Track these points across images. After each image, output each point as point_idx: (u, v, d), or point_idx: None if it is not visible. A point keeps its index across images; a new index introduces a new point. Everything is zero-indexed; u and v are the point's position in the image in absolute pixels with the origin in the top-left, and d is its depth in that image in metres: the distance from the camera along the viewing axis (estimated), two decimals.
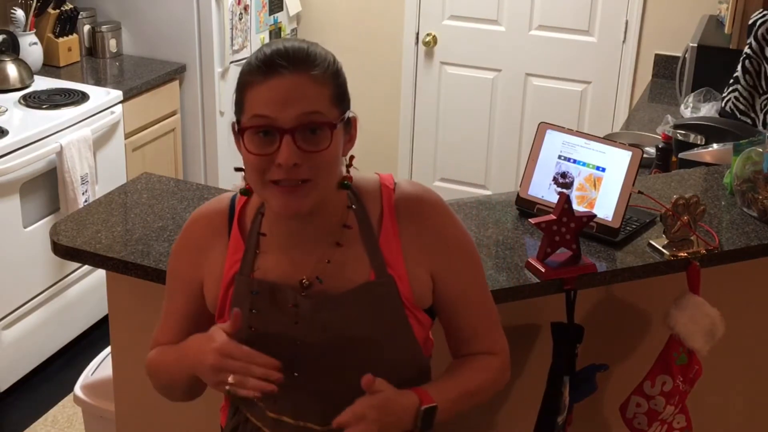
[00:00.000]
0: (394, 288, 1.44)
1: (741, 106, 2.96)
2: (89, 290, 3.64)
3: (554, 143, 2.11)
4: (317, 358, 1.46)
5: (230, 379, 1.36)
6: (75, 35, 4.01)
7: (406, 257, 1.45)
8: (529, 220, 1.91)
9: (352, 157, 1.46)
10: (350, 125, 1.42)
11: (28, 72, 3.70)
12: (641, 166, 2.04)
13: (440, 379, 1.52)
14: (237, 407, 1.61)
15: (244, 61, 4.54)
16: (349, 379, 1.42)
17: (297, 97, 1.32)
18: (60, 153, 3.34)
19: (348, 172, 1.45)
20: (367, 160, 1.45)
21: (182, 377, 1.51)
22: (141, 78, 3.87)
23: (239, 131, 1.37)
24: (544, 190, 2.10)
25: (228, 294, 1.48)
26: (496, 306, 1.58)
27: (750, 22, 2.93)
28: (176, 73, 4.02)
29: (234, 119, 1.41)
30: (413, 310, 1.48)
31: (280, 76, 1.32)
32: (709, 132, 2.80)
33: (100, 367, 2.52)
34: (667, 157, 2.79)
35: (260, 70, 1.34)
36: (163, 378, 1.58)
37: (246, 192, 1.48)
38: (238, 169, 1.44)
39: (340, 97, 1.38)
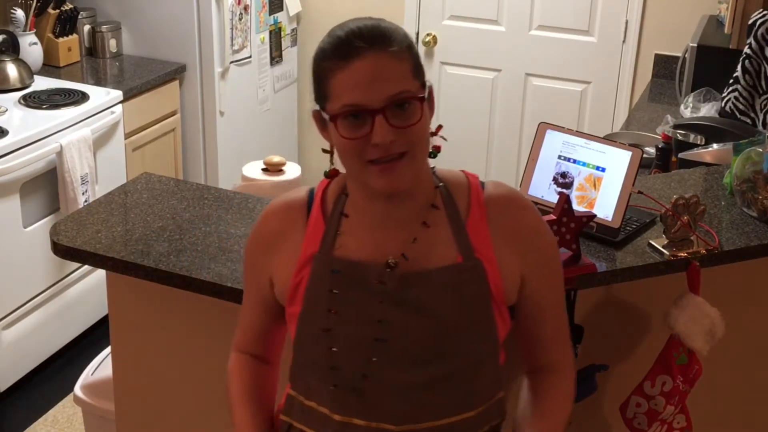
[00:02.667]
0: (482, 273, 1.43)
1: (741, 106, 2.96)
2: (89, 290, 3.64)
3: (554, 143, 2.11)
4: (399, 342, 1.41)
5: None
6: (75, 35, 4.01)
7: (495, 246, 1.44)
8: None
9: (439, 127, 1.46)
10: (430, 95, 1.41)
11: (28, 72, 3.70)
12: (641, 166, 2.04)
13: (535, 422, 1.52)
14: (290, 425, 1.54)
15: (244, 60, 4.51)
16: (427, 372, 1.41)
17: (382, 77, 1.32)
18: (60, 153, 3.34)
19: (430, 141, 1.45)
20: None
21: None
22: (141, 78, 3.87)
23: (331, 119, 1.36)
24: (544, 190, 2.10)
25: (302, 275, 1.45)
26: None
27: (750, 22, 2.93)
28: (176, 73, 4.02)
29: (316, 107, 1.40)
30: (499, 302, 1.45)
31: (360, 58, 1.32)
32: (709, 132, 2.79)
33: (100, 367, 2.52)
34: (667, 157, 2.78)
35: (339, 55, 1.33)
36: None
37: (327, 174, 1.47)
38: (325, 151, 1.44)
39: (418, 69, 1.39)
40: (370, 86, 1.31)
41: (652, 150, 2.91)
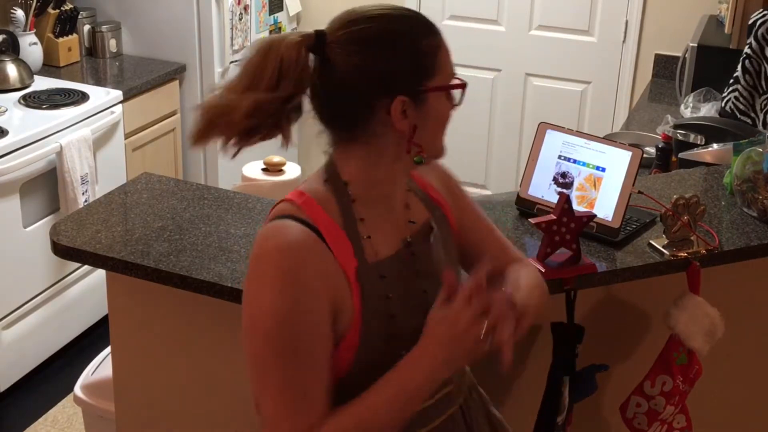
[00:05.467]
0: (447, 219, 1.57)
1: (741, 106, 2.96)
2: (89, 290, 3.63)
3: (554, 143, 2.11)
4: (431, 305, 1.38)
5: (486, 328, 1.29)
6: (75, 35, 4.01)
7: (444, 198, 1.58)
8: (529, 220, 1.91)
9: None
10: None
11: (28, 72, 3.70)
12: (641, 166, 2.04)
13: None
14: None
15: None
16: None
17: None
18: (60, 153, 3.34)
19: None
20: None
21: (405, 404, 1.36)
22: (141, 78, 3.87)
23: (445, 91, 1.42)
24: (544, 190, 2.10)
25: (356, 291, 1.37)
26: None
27: (750, 22, 2.93)
28: (176, 73, 4.02)
29: (399, 94, 1.36)
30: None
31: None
32: (709, 132, 2.79)
33: (100, 367, 2.52)
34: (667, 157, 2.79)
35: (436, 31, 1.41)
36: None
37: (420, 159, 1.42)
38: (412, 143, 1.41)
39: None
40: None
41: (652, 150, 2.91)
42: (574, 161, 2.09)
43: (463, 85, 1.42)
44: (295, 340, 1.31)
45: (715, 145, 2.66)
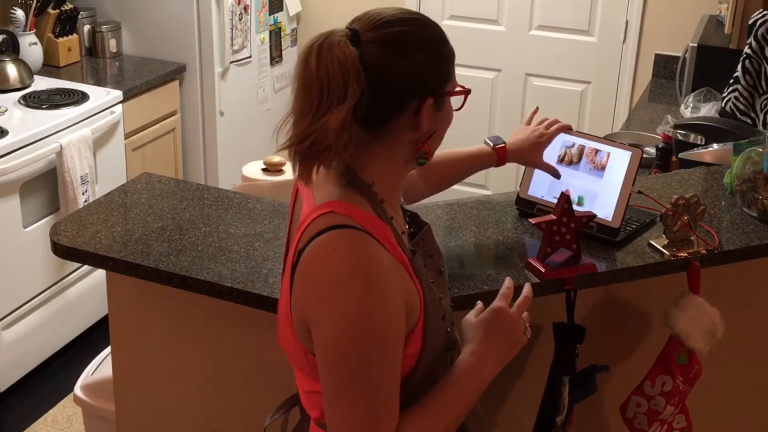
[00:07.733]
0: None
1: (741, 106, 2.96)
2: (89, 290, 3.64)
3: (554, 143, 2.11)
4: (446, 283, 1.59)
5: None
6: (75, 35, 4.01)
7: None
8: (529, 220, 1.91)
9: None
10: None
11: (28, 72, 3.70)
12: (641, 166, 2.04)
13: None
14: None
15: (244, 60, 4.49)
16: None
17: None
18: (60, 153, 3.34)
19: None
20: None
21: (473, 401, 1.44)
22: (141, 78, 3.87)
23: (462, 94, 1.48)
24: (544, 190, 2.10)
25: (419, 284, 1.40)
26: None
27: (750, 22, 2.93)
28: (176, 73, 4.02)
29: (423, 96, 1.39)
30: None
31: None
32: (709, 132, 2.79)
33: (100, 367, 2.52)
34: (667, 157, 2.78)
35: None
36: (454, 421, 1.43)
37: (423, 161, 1.43)
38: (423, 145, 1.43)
39: None
40: None
41: (652, 150, 2.91)
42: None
43: (469, 91, 1.49)
44: (389, 340, 1.31)
45: (715, 145, 2.66)
